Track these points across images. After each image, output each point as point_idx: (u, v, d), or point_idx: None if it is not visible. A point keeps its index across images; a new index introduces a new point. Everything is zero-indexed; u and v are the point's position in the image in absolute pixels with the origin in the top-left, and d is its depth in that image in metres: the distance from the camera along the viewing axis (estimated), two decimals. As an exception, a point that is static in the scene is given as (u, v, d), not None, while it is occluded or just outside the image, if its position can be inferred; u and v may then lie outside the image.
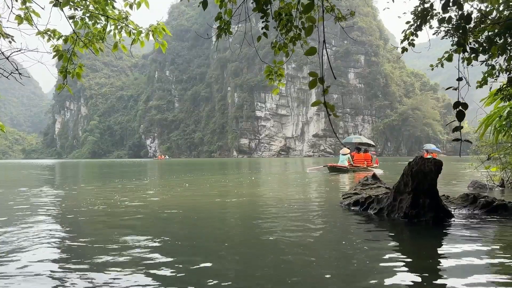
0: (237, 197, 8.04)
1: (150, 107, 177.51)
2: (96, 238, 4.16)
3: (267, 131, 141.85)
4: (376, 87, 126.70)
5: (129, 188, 10.60)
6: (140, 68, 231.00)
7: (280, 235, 4.15)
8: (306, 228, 4.61)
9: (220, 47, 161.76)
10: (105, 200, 7.69)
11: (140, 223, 5.13)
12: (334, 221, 5.08)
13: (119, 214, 5.83)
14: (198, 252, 3.53)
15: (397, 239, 4.04)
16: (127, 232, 4.39)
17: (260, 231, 4.49)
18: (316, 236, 4.19)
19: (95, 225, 5.05)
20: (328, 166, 20.16)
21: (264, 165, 35.38)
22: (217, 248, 3.68)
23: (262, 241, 3.96)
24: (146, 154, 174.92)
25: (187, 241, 3.98)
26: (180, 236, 4.24)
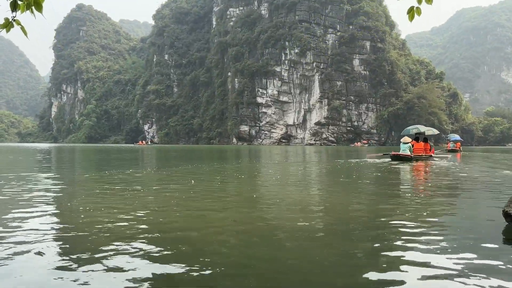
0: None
1: (148, 92, 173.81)
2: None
3: (268, 118, 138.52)
4: (381, 75, 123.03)
5: (120, 190, 7.65)
6: (138, 51, 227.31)
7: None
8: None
9: (221, 30, 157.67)
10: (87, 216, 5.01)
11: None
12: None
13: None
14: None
15: None
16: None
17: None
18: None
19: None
20: (390, 155, 19.92)
21: (278, 153, 32.49)
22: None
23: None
24: (144, 140, 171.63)
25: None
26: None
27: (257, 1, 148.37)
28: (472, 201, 7.06)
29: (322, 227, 4.57)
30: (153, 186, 8.69)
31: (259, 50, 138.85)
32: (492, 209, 5.68)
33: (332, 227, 4.56)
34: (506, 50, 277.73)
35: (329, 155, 32.21)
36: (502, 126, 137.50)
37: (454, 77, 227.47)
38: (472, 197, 7.47)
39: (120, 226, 4.52)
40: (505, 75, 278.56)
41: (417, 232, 4.28)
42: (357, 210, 5.71)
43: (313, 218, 5.10)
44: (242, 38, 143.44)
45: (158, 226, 4.53)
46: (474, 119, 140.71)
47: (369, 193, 7.77)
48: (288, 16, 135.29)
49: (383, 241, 3.96)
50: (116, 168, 14.73)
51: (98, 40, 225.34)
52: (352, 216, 5.22)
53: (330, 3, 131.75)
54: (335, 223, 4.76)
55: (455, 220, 5.15)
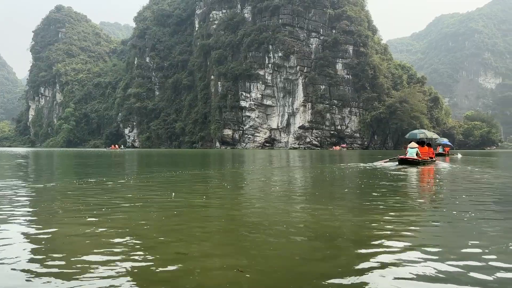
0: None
1: (129, 95, 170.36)
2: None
3: (252, 122, 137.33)
4: (364, 79, 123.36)
5: (85, 206, 6.16)
6: (119, 54, 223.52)
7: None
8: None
9: (204, 33, 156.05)
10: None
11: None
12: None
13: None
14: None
15: None
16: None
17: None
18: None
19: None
20: (398, 159, 20.22)
21: (266, 157, 31.33)
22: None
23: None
24: (124, 144, 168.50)
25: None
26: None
27: (240, 4, 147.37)
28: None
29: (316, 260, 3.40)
30: (127, 200, 7.38)
31: (242, 53, 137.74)
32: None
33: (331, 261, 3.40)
34: (483, 56, 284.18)
35: (322, 160, 31.25)
36: (481, 130, 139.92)
37: (433, 82, 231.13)
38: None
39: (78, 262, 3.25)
40: (482, 80, 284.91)
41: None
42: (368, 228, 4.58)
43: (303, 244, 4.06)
44: (225, 41, 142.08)
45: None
46: (455, 123, 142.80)
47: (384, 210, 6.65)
48: (271, 20, 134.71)
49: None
50: (90, 176, 13.30)
51: (77, 42, 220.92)
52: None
53: (313, 7, 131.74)
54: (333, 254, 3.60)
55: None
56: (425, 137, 24.78)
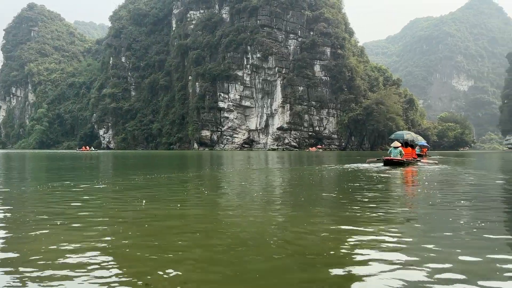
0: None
1: (104, 95, 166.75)
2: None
3: (230, 123, 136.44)
4: (341, 80, 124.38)
5: (47, 216, 5.36)
6: (94, 53, 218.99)
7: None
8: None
9: (181, 33, 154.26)
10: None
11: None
12: None
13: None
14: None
15: None
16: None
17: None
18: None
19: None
20: (383, 160, 20.05)
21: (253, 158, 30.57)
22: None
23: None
24: (99, 145, 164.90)
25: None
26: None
27: (218, 4, 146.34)
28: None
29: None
30: (89, 210, 6.64)
31: (220, 54, 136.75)
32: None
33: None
34: (456, 59, 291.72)
35: (302, 161, 30.82)
36: (455, 131, 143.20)
37: (408, 84, 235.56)
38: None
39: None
40: (455, 82, 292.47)
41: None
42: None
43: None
44: (203, 41, 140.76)
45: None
46: (429, 124, 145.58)
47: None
48: (249, 21, 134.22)
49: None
50: (56, 180, 12.37)
51: (50, 41, 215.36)
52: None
53: (291, 9, 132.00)
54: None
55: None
56: (411, 138, 24.90)
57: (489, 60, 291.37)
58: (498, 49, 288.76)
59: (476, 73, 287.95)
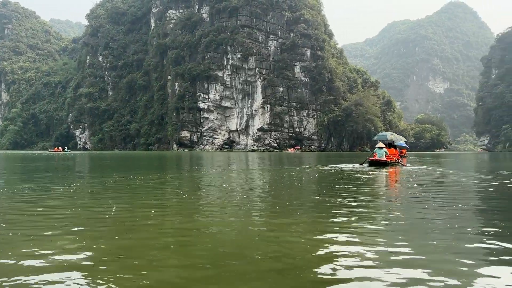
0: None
1: (80, 95, 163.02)
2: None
3: (210, 124, 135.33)
4: (321, 82, 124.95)
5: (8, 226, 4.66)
6: (70, 52, 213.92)
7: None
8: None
9: (160, 32, 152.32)
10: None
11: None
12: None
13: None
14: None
15: None
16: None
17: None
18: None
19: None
20: (368, 160, 20.18)
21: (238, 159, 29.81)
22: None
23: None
24: (75, 146, 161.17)
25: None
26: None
27: (197, 4, 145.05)
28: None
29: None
30: (56, 217, 5.95)
31: (200, 54, 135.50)
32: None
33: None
34: (433, 62, 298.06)
35: (283, 162, 30.38)
36: (431, 132, 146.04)
37: (386, 86, 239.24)
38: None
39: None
40: (432, 85, 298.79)
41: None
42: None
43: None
44: (183, 41, 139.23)
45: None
46: (407, 126, 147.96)
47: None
48: (230, 21, 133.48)
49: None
50: (23, 182, 11.49)
51: (25, 39, 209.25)
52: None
53: (271, 10, 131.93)
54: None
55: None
56: (394, 139, 25.27)
57: (464, 63, 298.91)
58: (473, 52, 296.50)
59: (451, 76, 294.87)
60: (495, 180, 12.80)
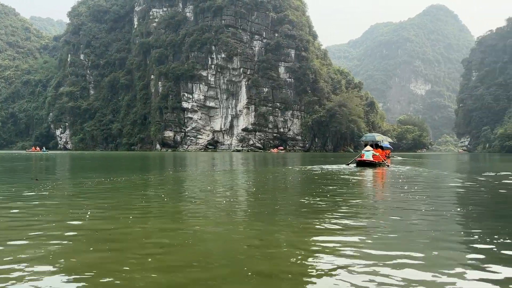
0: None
1: (61, 94, 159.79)
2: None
3: (194, 124, 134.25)
4: (305, 83, 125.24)
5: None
6: (51, 50, 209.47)
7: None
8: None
9: (143, 31, 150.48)
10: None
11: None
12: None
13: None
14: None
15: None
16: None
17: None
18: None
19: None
20: (356, 161, 20.61)
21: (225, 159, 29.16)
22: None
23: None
24: (56, 146, 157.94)
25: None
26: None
27: (181, 3, 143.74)
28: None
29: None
30: (25, 224, 5.44)
31: (184, 53, 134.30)
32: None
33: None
34: (414, 64, 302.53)
35: (267, 163, 30.02)
36: (413, 133, 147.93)
37: (368, 87, 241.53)
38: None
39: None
40: (413, 86, 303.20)
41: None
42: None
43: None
44: (166, 40, 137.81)
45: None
46: (389, 127, 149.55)
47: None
48: (214, 20, 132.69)
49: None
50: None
51: (4, 37, 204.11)
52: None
53: (256, 10, 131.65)
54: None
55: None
56: (381, 140, 26.13)
57: (445, 65, 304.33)
58: (454, 55, 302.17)
59: (433, 78, 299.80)
60: (486, 181, 12.70)
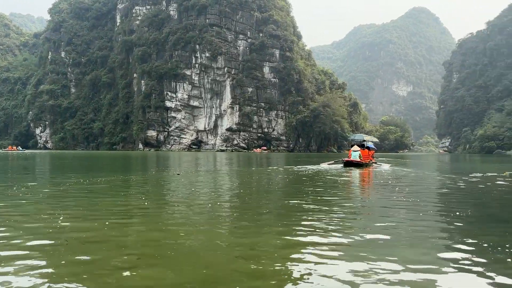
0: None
1: (41, 92, 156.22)
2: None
3: (178, 123, 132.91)
4: (290, 83, 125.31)
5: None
6: (31, 47, 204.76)
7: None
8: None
9: (126, 29, 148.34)
10: None
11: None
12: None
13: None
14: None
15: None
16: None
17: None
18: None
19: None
20: (344, 161, 20.77)
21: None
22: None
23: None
24: (35, 145, 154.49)
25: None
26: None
27: (165, 1, 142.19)
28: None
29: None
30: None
31: (168, 52, 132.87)
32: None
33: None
34: (397, 65, 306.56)
35: (253, 163, 29.64)
36: (395, 134, 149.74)
37: (352, 88, 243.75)
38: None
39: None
40: (395, 88, 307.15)
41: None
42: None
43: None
44: (149, 38, 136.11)
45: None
46: (372, 127, 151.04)
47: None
48: (198, 19, 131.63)
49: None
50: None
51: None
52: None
53: (240, 9, 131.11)
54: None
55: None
56: (368, 140, 26.08)
57: (427, 67, 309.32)
58: (435, 57, 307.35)
59: (414, 79, 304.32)
60: (478, 182, 12.58)
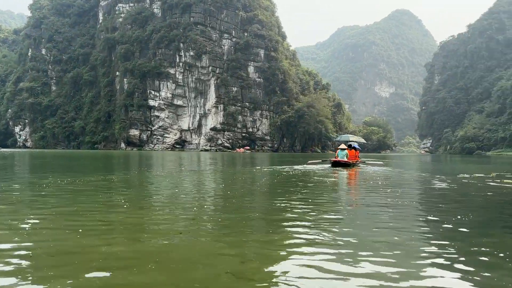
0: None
1: (21, 90, 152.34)
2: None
3: (161, 122, 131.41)
4: (274, 83, 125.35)
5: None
6: (11, 44, 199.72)
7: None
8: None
9: (108, 26, 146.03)
10: None
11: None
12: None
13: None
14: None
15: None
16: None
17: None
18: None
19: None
20: (331, 161, 20.73)
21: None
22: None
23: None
24: (15, 143, 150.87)
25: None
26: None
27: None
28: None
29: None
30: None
31: (151, 50, 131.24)
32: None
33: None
34: (379, 67, 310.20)
35: (237, 163, 29.26)
36: (378, 135, 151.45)
37: (335, 89, 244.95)
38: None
39: None
40: (378, 89, 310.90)
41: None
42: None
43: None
44: (133, 36, 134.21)
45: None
46: (355, 128, 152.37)
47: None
48: (182, 17, 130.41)
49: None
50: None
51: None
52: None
53: (225, 8, 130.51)
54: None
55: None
56: (356, 141, 26.36)
57: (409, 69, 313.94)
58: (417, 58, 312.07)
59: (397, 81, 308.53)
60: (470, 184, 12.50)
